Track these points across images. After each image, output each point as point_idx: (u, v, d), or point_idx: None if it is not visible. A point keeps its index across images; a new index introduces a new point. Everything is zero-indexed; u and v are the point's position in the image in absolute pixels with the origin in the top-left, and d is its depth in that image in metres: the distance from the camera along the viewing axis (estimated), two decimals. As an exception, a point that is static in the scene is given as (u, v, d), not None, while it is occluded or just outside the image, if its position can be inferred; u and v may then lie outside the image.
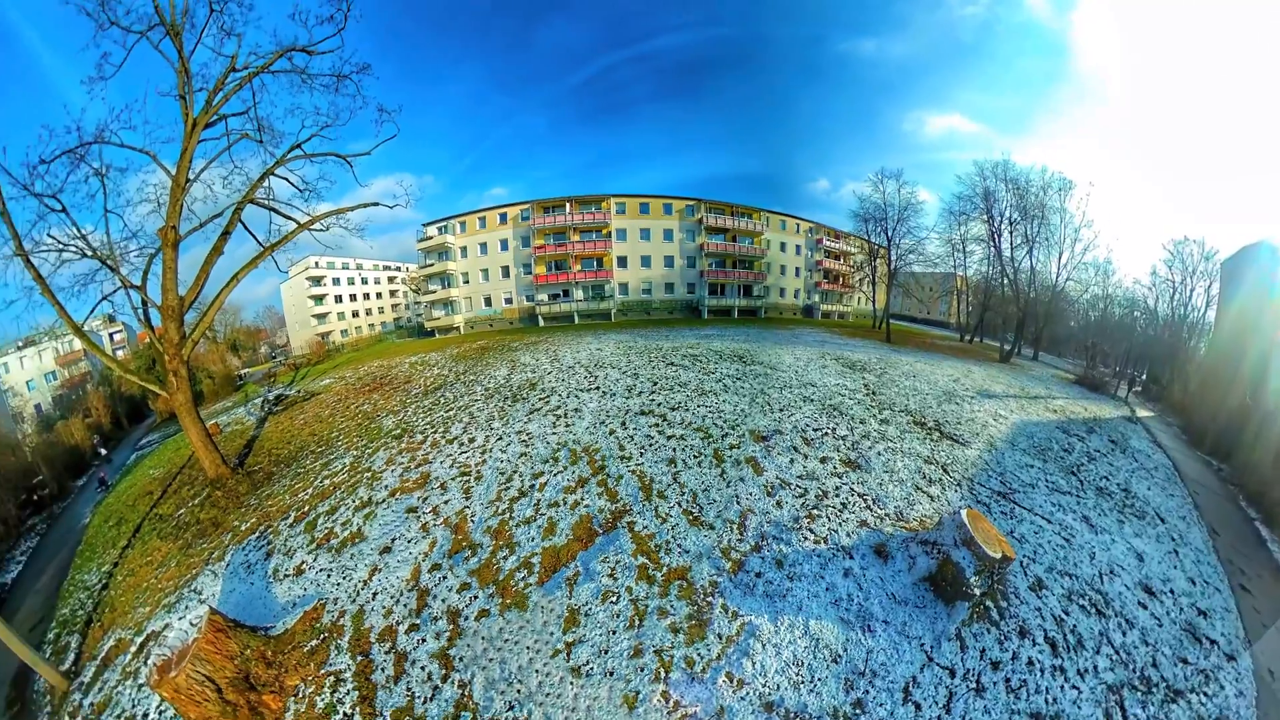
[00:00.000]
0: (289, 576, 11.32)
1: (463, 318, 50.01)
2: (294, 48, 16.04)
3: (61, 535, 19.21)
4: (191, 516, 15.69)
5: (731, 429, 14.84)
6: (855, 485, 12.15)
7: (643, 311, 46.75)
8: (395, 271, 72.43)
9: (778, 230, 53.22)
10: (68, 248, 14.23)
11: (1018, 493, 13.17)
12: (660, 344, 27.86)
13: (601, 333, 35.03)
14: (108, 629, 11.83)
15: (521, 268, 47.50)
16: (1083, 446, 17.73)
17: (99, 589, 13.80)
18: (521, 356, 27.64)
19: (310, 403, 26.32)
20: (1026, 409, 21.07)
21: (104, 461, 27.18)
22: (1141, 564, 11.37)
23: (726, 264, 48.65)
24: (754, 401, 17.25)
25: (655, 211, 46.98)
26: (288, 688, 8.31)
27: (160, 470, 21.24)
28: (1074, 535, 11.79)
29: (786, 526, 10.46)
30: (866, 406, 17.70)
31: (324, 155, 17.53)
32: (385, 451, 16.75)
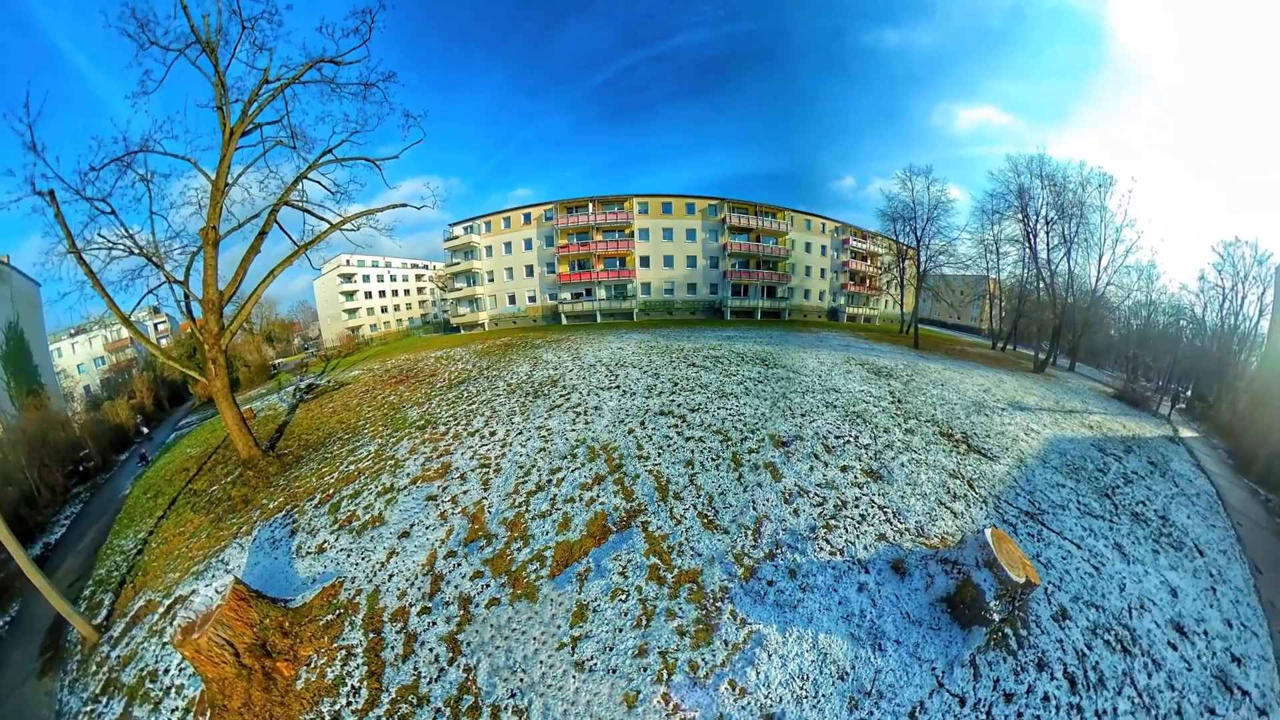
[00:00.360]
0: (311, 554, 11.84)
1: (487, 315, 50.82)
2: (322, 59, 16.87)
3: (103, 504, 20.37)
4: (223, 493, 16.50)
5: (751, 433, 14.63)
6: (876, 497, 11.77)
7: (665, 311, 46.64)
8: (423, 269, 74.76)
9: (802, 230, 51.90)
10: (116, 246, 15.28)
11: (1047, 514, 12.51)
12: (682, 344, 27.74)
13: (623, 332, 35.07)
14: (139, 590, 12.58)
15: (545, 267, 48.01)
16: (1119, 467, 16.71)
17: (134, 554, 14.67)
18: (544, 354, 27.91)
19: (339, 392, 27.16)
20: (1060, 424, 19.98)
21: (145, 439, 28.68)
22: (1175, 600, 10.58)
23: (750, 264, 47.90)
24: (775, 405, 17.00)
25: (678, 211, 46.74)
26: (301, 657, 8.71)
27: (197, 449, 22.35)
28: (1104, 564, 11.10)
29: (802, 535, 10.25)
30: (891, 415, 17.13)
31: (354, 159, 18.40)
32: (409, 441, 17.21)
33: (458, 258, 52.03)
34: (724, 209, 46.84)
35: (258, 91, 16.26)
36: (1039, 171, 36.50)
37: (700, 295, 47.40)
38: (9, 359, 28.34)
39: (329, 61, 16.86)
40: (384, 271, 69.25)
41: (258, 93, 16.27)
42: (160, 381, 38.35)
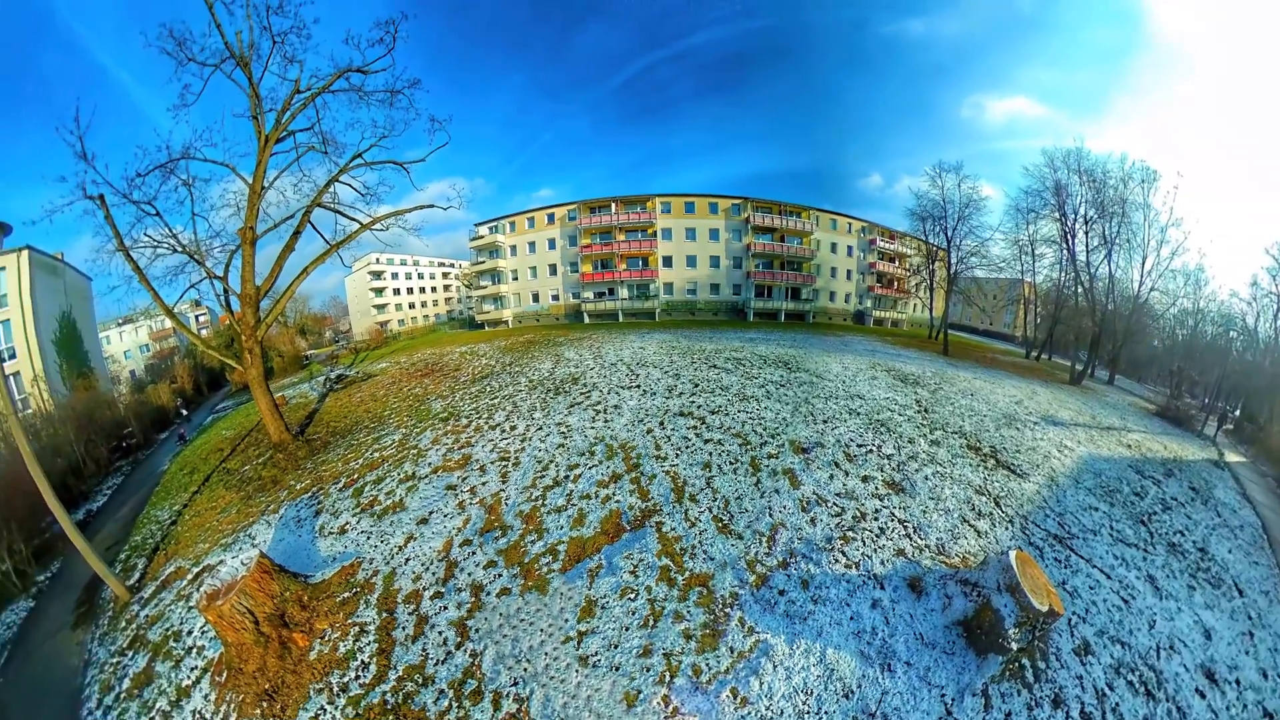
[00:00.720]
0: (333, 534, 12.35)
1: (511, 312, 51.56)
2: (350, 69, 17.64)
3: (142, 477, 21.68)
4: (254, 473, 17.32)
5: (771, 437, 14.42)
6: (896, 510, 11.40)
7: (687, 312, 46.48)
8: (449, 267, 77.13)
9: (828, 230, 50.58)
10: (161, 245, 16.30)
11: (1076, 539, 11.81)
12: (704, 345, 27.56)
13: (645, 331, 35.08)
14: (170, 557, 13.37)
15: (568, 266, 48.42)
16: (1157, 492, 15.63)
17: (168, 524, 15.58)
18: (566, 351, 28.14)
19: (367, 383, 27.92)
20: (1096, 441, 18.78)
21: (184, 420, 30.22)
22: (1208, 643, 9.81)
23: (774, 265, 47.23)
24: (797, 411, 16.72)
25: (701, 211, 46.43)
26: (316, 630, 9.14)
27: (231, 431, 23.41)
28: (1134, 597, 10.39)
29: (818, 546, 10.03)
30: (917, 425, 16.58)
31: (382, 163, 19.20)
32: (432, 432, 17.64)
33: (483, 256, 53.01)
34: (747, 208, 46.27)
35: (290, 101, 17.27)
36: (1077, 166, 33.77)
37: (723, 296, 47.02)
38: (62, 345, 30.01)
39: (356, 71, 17.70)
40: (412, 269, 71.85)
41: (290, 102, 17.28)
42: (200, 368, 40.64)
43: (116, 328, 51.14)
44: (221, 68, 15.99)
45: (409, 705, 7.78)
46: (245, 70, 16.16)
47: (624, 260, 46.16)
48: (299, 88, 17.21)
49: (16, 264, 27.21)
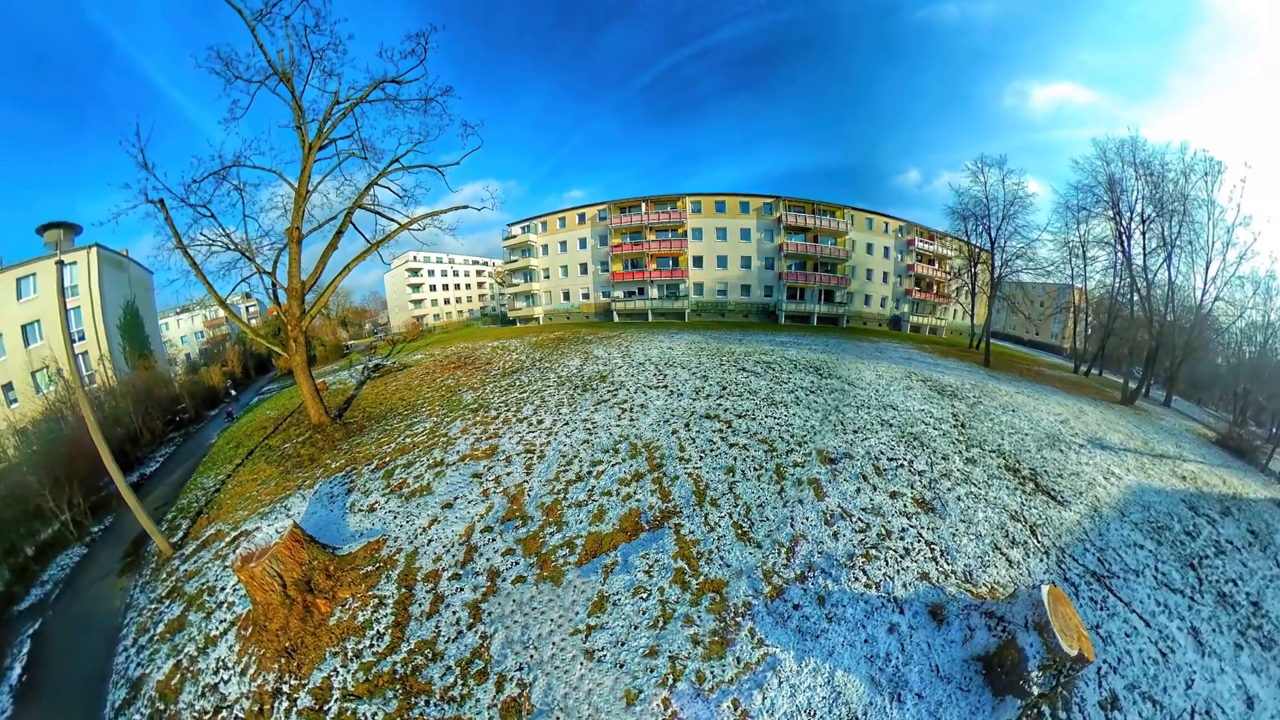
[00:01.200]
0: (362, 511, 12.99)
1: (542, 310, 52.34)
2: (385, 80, 18.63)
3: (192, 448, 23.53)
4: (294, 450, 18.43)
5: (798, 445, 14.09)
6: (924, 530, 10.84)
7: (717, 313, 46.05)
8: (483, 265, 79.94)
9: (863, 230, 48.41)
10: (215, 243, 17.66)
11: (1116, 578, 10.81)
12: (733, 347, 27.23)
13: (674, 332, 34.97)
14: (212, 521, 14.47)
15: (599, 265, 48.76)
16: (1211, 533, 14.08)
17: (212, 491, 16.81)
18: (595, 349, 28.37)
19: (402, 373, 28.90)
20: (1147, 470, 17.09)
21: (232, 400, 32.63)
22: (1249, 712, 8.85)
23: (807, 266, 45.94)
24: (826, 419, 16.25)
25: (732, 210, 45.69)
26: (338, 598, 9.68)
27: (275, 412, 24.93)
28: (1174, 650, 9.41)
29: (838, 561, 9.69)
30: (952, 440, 15.70)
31: (419, 167, 20.27)
32: (461, 422, 18.16)
33: (516, 255, 54.11)
34: (779, 207, 45.13)
35: (330, 112, 18.51)
36: (1131, 158, 30.25)
37: (754, 297, 46.25)
38: (126, 330, 33.18)
39: (391, 81, 18.71)
40: (447, 267, 75.05)
41: (330, 113, 18.52)
42: (248, 354, 44.17)
43: (174, 316, 55.95)
44: (266, 84, 17.25)
45: (416, 677, 8.08)
46: (288, 85, 17.44)
47: (654, 260, 46.10)
48: (338, 99, 18.45)
49: (86, 260, 30.32)
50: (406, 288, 71.33)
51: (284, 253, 18.58)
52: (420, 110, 19.23)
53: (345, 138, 19.16)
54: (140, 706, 8.89)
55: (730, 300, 46.21)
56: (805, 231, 45.74)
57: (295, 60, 17.25)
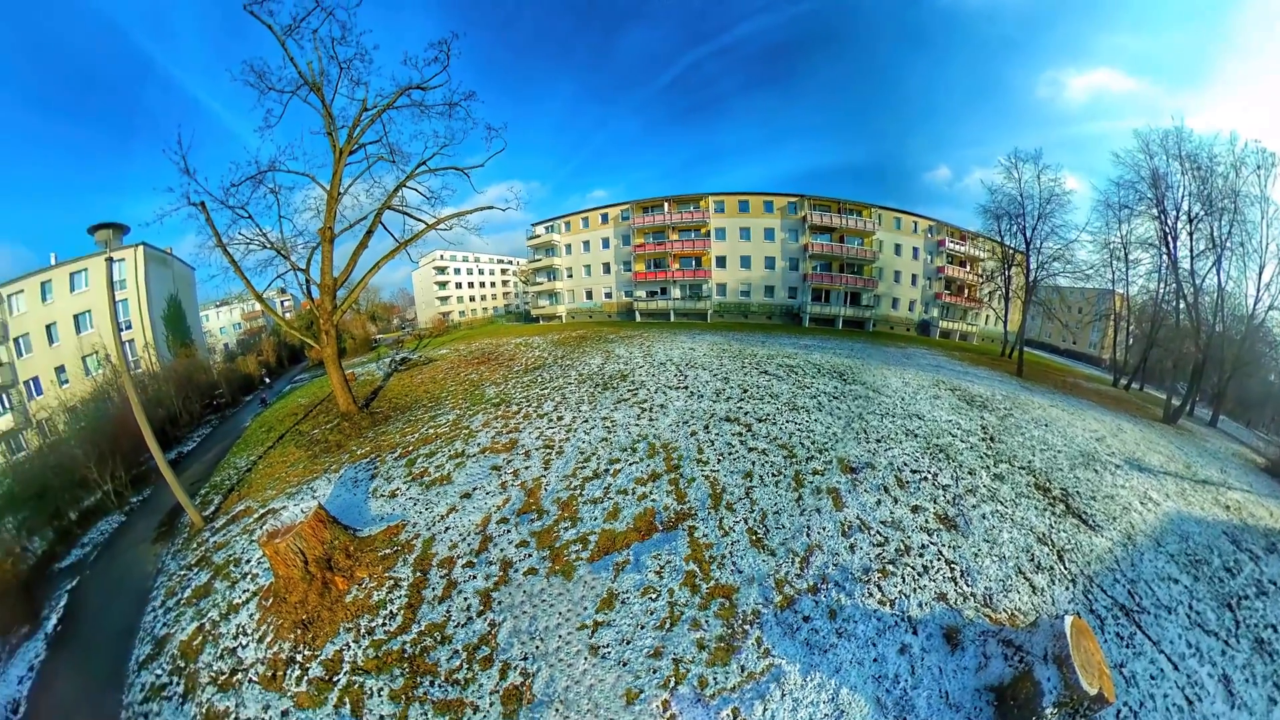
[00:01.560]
0: (384, 497, 13.51)
1: (565, 308, 52.79)
2: (410, 86, 19.35)
3: (227, 430, 25.06)
4: (322, 436, 19.28)
5: (819, 452, 13.80)
6: (945, 548, 10.39)
7: (740, 314, 45.55)
8: (507, 264, 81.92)
9: (891, 229, 46.38)
10: (252, 242, 18.63)
11: (1146, 614, 10.08)
12: (755, 350, 26.92)
13: (696, 332, 34.80)
14: (242, 498, 15.37)
15: (621, 265, 48.84)
16: (1254, 570, 12.76)
17: (244, 470, 17.75)
18: (616, 348, 28.44)
19: (428, 367, 29.64)
20: (1188, 497, 15.74)
21: (266, 387, 34.30)
22: None
23: (832, 267, 44.60)
24: (849, 426, 15.82)
25: (755, 209, 44.86)
26: (355, 577, 10.18)
27: (306, 399, 26.02)
28: (1202, 698, 8.67)
29: (853, 575, 9.41)
30: (980, 454, 15.04)
31: (445, 169, 21.02)
32: (483, 415, 18.55)
33: (539, 254, 54.88)
34: (804, 206, 43.92)
35: (359, 118, 19.41)
36: (1177, 150, 27.44)
37: (778, 299, 45.41)
38: (169, 320, 35.85)
39: (416, 88, 19.44)
40: (473, 265, 77.16)
41: (359, 119, 19.41)
42: (282, 345, 46.69)
43: (214, 308, 59.66)
44: (297, 94, 18.21)
45: (424, 658, 8.34)
46: (318, 94, 18.38)
47: (677, 260, 45.85)
48: (366, 106, 19.31)
49: (134, 257, 33.04)
50: (433, 285, 73.50)
51: (317, 251, 19.67)
52: (445, 115, 19.99)
53: (374, 142, 20.07)
54: (162, 662, 9.55)
55: (753, 301, 45.56)
56: (831, 231, 44.35)
57: (324, 71, 18.18)
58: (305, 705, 7.96)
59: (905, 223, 47.15)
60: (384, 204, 20.23)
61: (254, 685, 8.52)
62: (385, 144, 20.16)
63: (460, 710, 7.51)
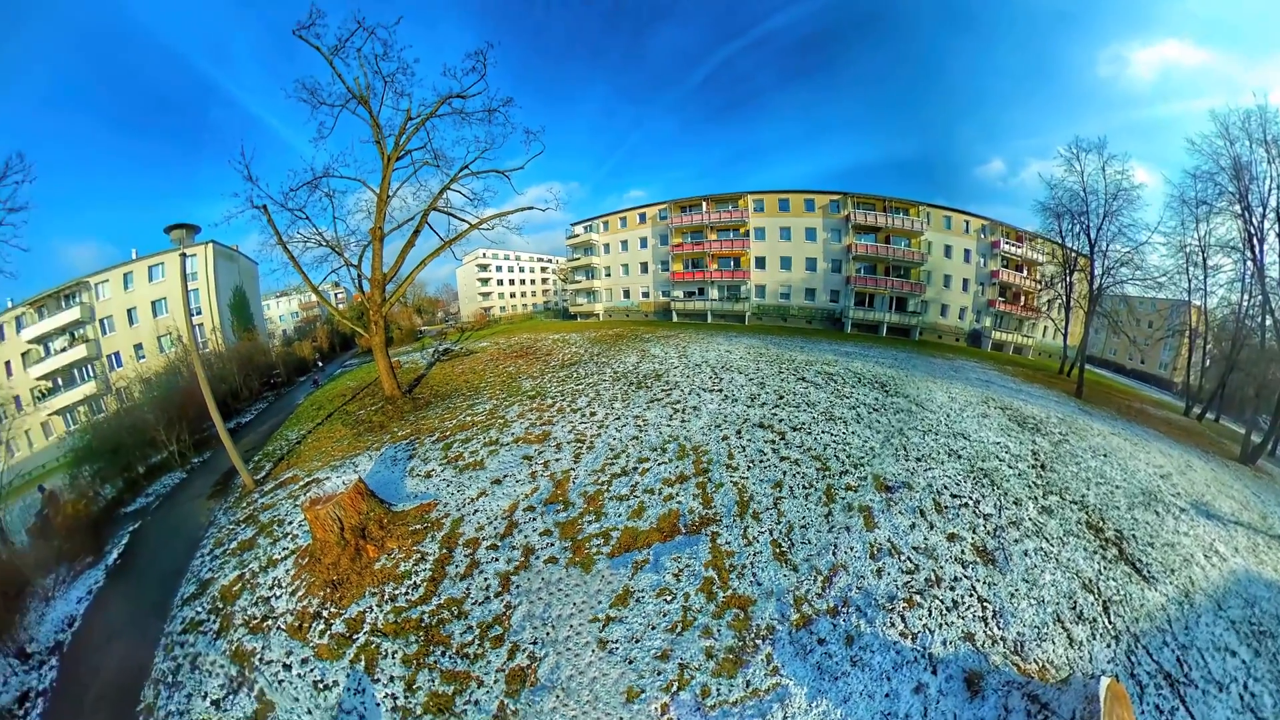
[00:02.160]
0: (419, 476, 14.36)
1: (602, 306, 53.28)
2: (450, 95, 20.80)
3: (281, 406, 27.53)
4: (367, 417, 20.72)
5: (854, 467, 13.25)
6: (979, 584, 9.59)
7: (779, 317, 44.51)
8: (547, 263, 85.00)
9: (940, 229, 42.88)
10: (309, 240, 20.48)
11: (1194, 687, 8.78)
12: (794, 355, 26.30)
13: (733, 335, 34.37)
14: (290, 466, 16.92)
15: (659, 264, 48.72)
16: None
17: (294, 443, 19.39)
18: (652, 348, 28.48)
19: (468, 358, 30.75)
20: (1260, 554, 13.55)
21: (319, 370, 37.21)
22: None
23: (877, 270, 42.06)
24: (888, 442, 14.99)
25: (796, 208, 43.22)
26: (386, 547, 10.94)
27: (354, 383, 27.93)
28: None
29: (877, 601, 8.90)
30: (1028, 483, 13.78)
31: (486, 172, 22.41)
32: (519, 407, 19.14)
33: (578, 253, 55.64)
34: (847, 204, 41.69)
35: (404, 127, 20.99)
36: (1261, 134, 23.24)
37: (819, 302, 43.75)
38: (234, 308, 40.06)
39: (456, 96, 20.91)
40: (514, 263, 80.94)
41: (404, 128, 21.00)
42: (335, 333, 50.56)
43: (275, 298, 65.90)
44: (347, 107, 19.94)
45: (439, 629, 8.77)
46: (365, 107, 20.03)
47: (715, 260, 45.11)
48: (410, 116, 20.90)
49: (204, 253, 37.54)
50: (476, 281, 76.98)
51: (368, 249, 21.36)
52: (485, 121, 21.66)
53: (419, 149, 21.69)
54: (203, 601, 10.69)
55: (793, 305, 44.24)
56: (876, 231, 41.67)
57: (370, 85, 19.83)
58: (324, 657, 8.62)
59: (956, 222, 43.44)
60: (429, 205, 21.66)
61: (281, 632, 9.32)
62: (430, 150, 21.65)
63: (466, 682, 7.84)
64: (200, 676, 8.86)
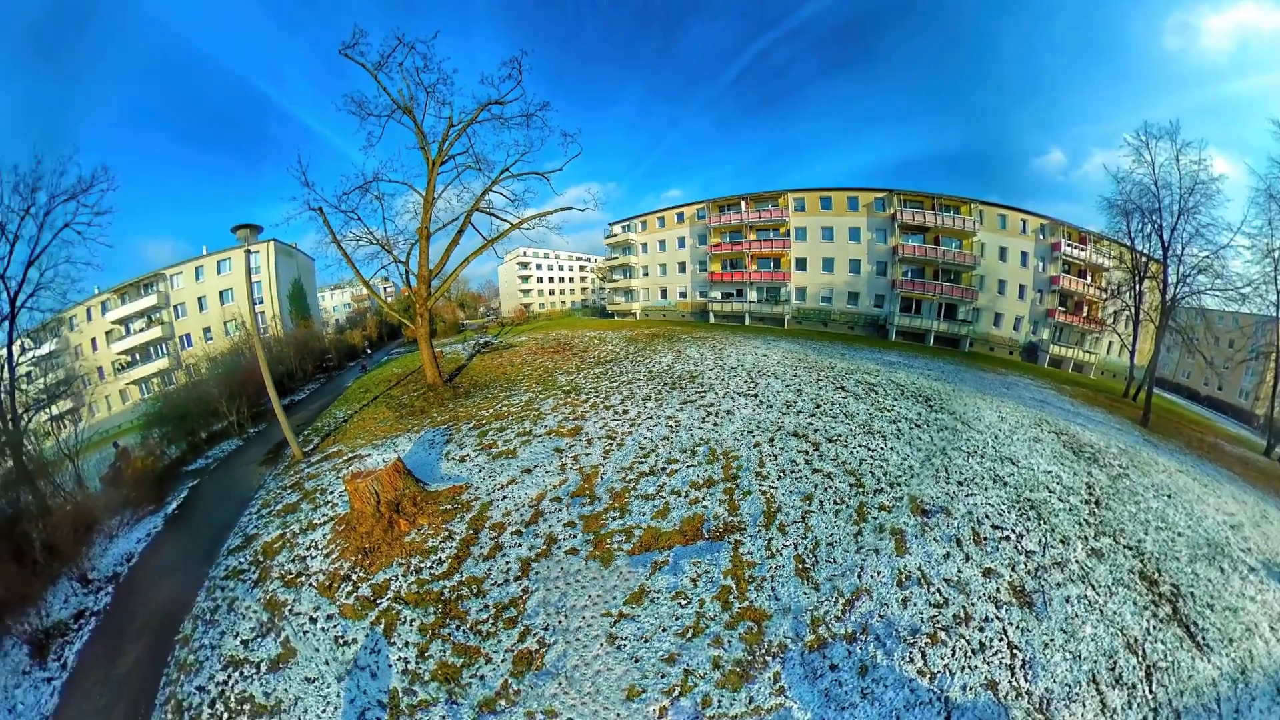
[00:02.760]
0: (454, 460, 15.10)
1: (639, 306, 53.43)
2: (489, 102, 22.09)
3: (331, 388, 30.13)
4: (409, 401, 22.00)
5: (889, 486, 12.54)
6: (1011, 628, 8.72)
7: (819, 322, 43.11)
8: (585, 261, 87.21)
9: (994, 229, 39.01)
10: (361, 239, 22.18)
11: None
12: (834, 362, 25.52)
13: (771, 338, 33.80)
14: (335, 442, 18.32)
15: (697, 264, 48.24)
16: None
17: (341, 421, 20.91)
18: (688, 349, 28.41)
19: (507, 351, 31.74)
20: None
21: (367, 357, 40.62)
22: None
23: (925, 274, 39.15)
24: (929, 461, 14.08)
25: (838, 207, 41.27)
26: (417, 522, 11.65)
27: (399, 370, 29.72)
28: None
29: (898, 633, 8.31)
30: (1079, 520, 12.39)
31: (526, 174, 23.53)
32: (553, 400, 19.60)
33: (616, 253, 56.09)
34: (893, 202, 39.12)
35: (447, 134, 22.44)
36: None
37: (862, 307, 41.59)
38: (292, 298, 44.22)
39: (495, 103, 22.13)
40: (553, 262, 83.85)
41: (447, 135, 22.43)
42: (383, 323, 55.07)
43: (329, 290, 71.92)
44: (393, 117, 21.55)
45: (457, 605, 9.20)
46: (410, 116, 21.58)
47: (754, 261, 44.04)
48: (452, 123, 22.30)
49: (266, 250, 41.68)
50: (516, 278, 79.95)
51: (415, 247, 22.78)
52: (523, 125, 22.52)
53: (461, 153, 23.00)
54: (246, 554, 11.87)
55: (835, 309, 42.50)
56: (924, 231, 38.76)
57: (413, 96, 21.37)
58: (348, 616, 9.31)
59: (1012, 221, 39.43)
60: (472, 207, 23.11)
61: (311, 589, 10.13)
62: (471, 154, 22.94)
63: (475, 657, 8.17)
64: (235, 618, 9.83)
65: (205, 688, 8.49)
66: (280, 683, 8.29)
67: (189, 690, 8.53)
